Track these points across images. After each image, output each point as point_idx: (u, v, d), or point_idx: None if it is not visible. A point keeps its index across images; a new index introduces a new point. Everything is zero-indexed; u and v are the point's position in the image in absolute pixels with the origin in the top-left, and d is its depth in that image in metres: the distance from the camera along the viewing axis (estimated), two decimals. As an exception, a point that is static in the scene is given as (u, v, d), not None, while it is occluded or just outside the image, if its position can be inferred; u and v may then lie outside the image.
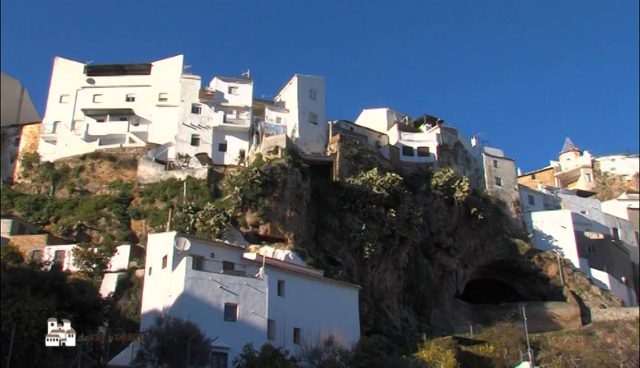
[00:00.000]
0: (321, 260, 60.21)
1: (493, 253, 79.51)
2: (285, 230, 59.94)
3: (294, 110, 76.50)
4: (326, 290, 49.98)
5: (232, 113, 75.62)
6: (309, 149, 72.62)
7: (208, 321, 38.66)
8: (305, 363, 40.35)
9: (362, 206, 66.10)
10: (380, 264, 66.09)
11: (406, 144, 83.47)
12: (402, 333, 62.12)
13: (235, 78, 78.68)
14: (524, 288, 79.16)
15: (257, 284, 44.18)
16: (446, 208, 75.38)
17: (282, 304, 44.70)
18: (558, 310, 72.17)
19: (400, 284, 68.72)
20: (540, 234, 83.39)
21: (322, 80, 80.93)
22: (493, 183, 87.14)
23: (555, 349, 64.14)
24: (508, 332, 61.92)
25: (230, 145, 74.23)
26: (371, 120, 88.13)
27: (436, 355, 51.62)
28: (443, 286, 73.85)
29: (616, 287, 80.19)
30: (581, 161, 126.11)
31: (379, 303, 63.29)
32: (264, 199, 60.21)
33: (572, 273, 78.52)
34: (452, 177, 75.95)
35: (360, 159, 73.04)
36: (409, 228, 68.83)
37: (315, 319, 43.98)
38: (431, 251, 74.19)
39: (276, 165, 62.91)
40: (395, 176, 69.82)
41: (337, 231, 63.71)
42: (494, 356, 58.09)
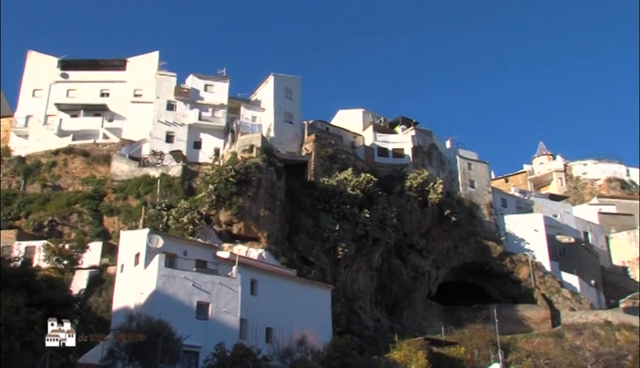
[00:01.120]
0: (295, 259, 60.11)
1: (465, 255, 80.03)
2: (259, 229, 59.77)
3: (270, 109, 76.38)
4: (299, 289, 49.97)
5: (208, 111, 75.25)
6: (284, 149, 72.54)
7: (180, 319, 38.37)
8: (276, 363, 40.29)
9: (336, 206, 66.12)
10: (353, 264, 66.16)
11: (381, 145, 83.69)
12: (374, 334, 62.23)
13: (211, 76, 78.35)
14: (496, 290, 79.77)
15: (230, 282, 43.99)
16: (419, 210, 75.64)
17: (254, 303, 44.55)
18: (529, 313, 72.88)
19: (372, 285, 68.85)
20: (513, 237, 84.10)
21: (298, 80, 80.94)
22: (466, 186, 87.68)
23: (525, 351, 64.85)
24: (479, 334, 62.38)
25: (205, 143, 73.85)
26: (347, 121, 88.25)
27: (407, 356, 51.85)
28: (415, 287, 74.13)
29: (586, 290, 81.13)
30: (554, 165, 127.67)
31: (352, 304, 63.36)
32: (238, 198, 59.97)
33: (543, 276, 79.38)
34: (426, 179, 76.26)
35: (335, 160, 73.12)
36: (383, 229, 68.95)
37: (288, 318, 43.87)
38: (404, 252, 74.43)
39: (251, 164, 62.71)
40: (370, 177, 69.95)
41: (310, 230, 63.67)
42: (465, 358, 58.49)
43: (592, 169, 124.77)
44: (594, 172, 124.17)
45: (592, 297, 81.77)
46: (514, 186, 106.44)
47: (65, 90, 78.76)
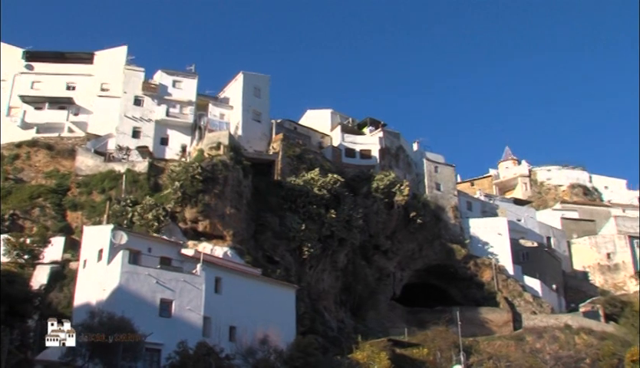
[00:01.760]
0: (260, 258, 59.95)
1: (430, 257, 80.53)
2: (225, 227, 59.50)
3: (238, 107, 76.11)
4: (263, 288, 49.90)
5: (176, 107, 74.76)
6: (252, 147, 72.33)
7: (142, 317, 38.00)
8: (239, 361, 40.16)
9: (302, 206, 66.08)
10: (318, 264, 66.18)
11: (348, 146, 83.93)
12: (338, 334, 62.32)
13: (180, 72, 77.81)
14: (459, 293, 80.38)
15: (194, 280, 43.74)
16: (385, 211, 75.91)
17: (218, 302, 44.37)
18: (491, 316, 73.60)
19: (337, 285, 68.97)
20: (477, 240, 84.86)
21: (267, 79, 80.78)
22: (432, 188, 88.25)
23: (486, 354, 65.51)
24: (442, 335, 62.77)
25: (172, 139, 73.36)
26: (315, 121, 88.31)
27: (370, 357, 52.03)
28: (379, 288, 74.41)
29: (547, 294, 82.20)
30: (519, 170, 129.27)
31: (316, 304, 63.37)
32: (204, 195, 59.63)
33: (506, 279, 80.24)
34: (393, 181, 76.56)
35: (302, 159, 73.09)
36: (348, 230, 69.08)
37: (252, 317, 43.84)
38: (370, 253, 74.66)
39: (218, 161, 62.37)
40: (336, 178, 70.03)
41: (276, 230, 63.56)
42: (428, 359, 58.85)
43: (556, 174, 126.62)
44: (558, 178, 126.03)
45: (553, 301, 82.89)
46: (479, 190, 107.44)
47: (30, 82, 77.43)
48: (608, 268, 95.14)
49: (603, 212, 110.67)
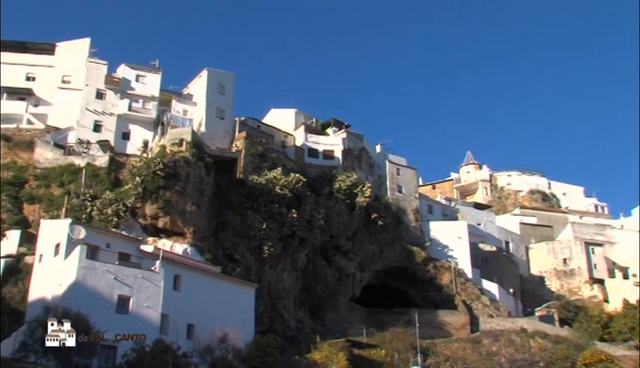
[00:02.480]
0: (220, 256, 59.61)
1: (390, 259, 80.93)
2: (185, 224, 59.00)
3: (201, 103, 75.53)
4: (223, 287, 49.64)
5: (138, 102, 73.71)
6: (214, 144, 71.83)
7: (99, 313, 37.50)
8: (197, 360, 39.87)
9: (264, 205, 65.84)
10: (278, 263, 66.02)
11: (312, 146, 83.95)
12: (296, 334, 62.32)
13: (144, 67, 76.79)
14: (418, 295, 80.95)
15: (152, 277, 43.34)
16: (347, 212, 76.06)
17: (177, 299, 43.99)
18: (449, 318, 74.30)
19: (297, 285, 68.90)
20: (437, 243, 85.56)
21: (232, 76, 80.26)
22: (394, 190, 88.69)
23: (443, 356, 66.21)
24: (400, 337, 63.18)
25: (134, 134, 72.35)
26: (279, 120, 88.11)
27: (328, 357, 52.14)
28: (339, 289, 74.54)
29: (504, 298, 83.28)
30: (480, 175, 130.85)
31: (275, 303, 63.22)
32: (165, 192, 59.01)
33: (464, 282, 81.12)
34: (355, 182, 76.78)
35: (265, 158, 72.84)
36: (309, 230, 69.08)
37: (210, 315, 43.49)
38: (330, 253, 74.72)
39: (180, 158, 61.81)
40: (299, 177, 69.95)
41: (237, 228, 63.24)
42: (385, 360, 59.18)
43: (516, 180, 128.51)
44: (518, 184, 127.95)
45: (510, 304, 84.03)
46: (441, 193, 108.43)
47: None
48: (564, 273, 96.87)
49: (561, 218, 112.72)
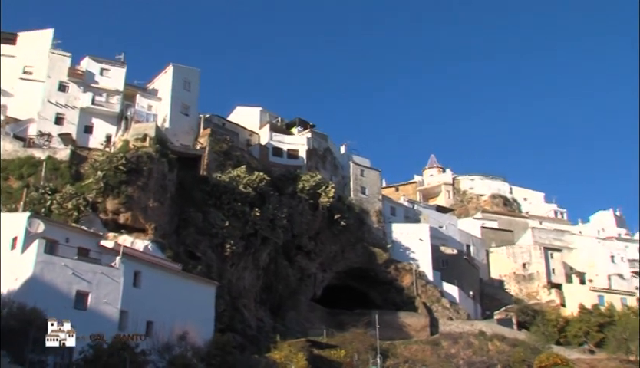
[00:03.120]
0: (181, 253, 59.16)
1: (352, 260, 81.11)
2: (147, 220, 58.43)
3: (166, 99, 74.82)
4: (183, 284, 49.29)
5: (102, 96, 72.63)
6: (178, 141, 71.25)
7: (56, 308, 36.73)
8: (155, 357, 39.50)
9: (227, 203, 65.56)
10: (240, 262, 65.74)
11: (276, 145, 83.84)
12: (256, 333, 62.20)
13: (109, 60, 75.76)
14: (379, 296, 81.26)
15: (112, 273, 42.84)
16: (310, 212, 76.09)
17: (136, 295, 43.58)
18: (409, 320, 74.77)
19: (258, 284, 68.71)
20: (399, 245, 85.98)
21: (197, 72, 79.61)
22: (358, 192, 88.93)
23: (403, 357, 66.65)
24: (360, 338, 63.45)
25: (97, 128, 71.29)
26: (244, 118, 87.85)
27: (288, 356, 52.10)
28: (300, 289, 74.53)
29: (464, 301, 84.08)
30: (443, 178, 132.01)
31: (236, 302, 62.97)
32: (127, 187, 58.35)
33: (425, 285, 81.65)
34: (319, 182, 76.91)
35: (229, 156, 72.52)
36: (272, 229, 68.97)
37: (170, 313, 43.12)
38: (292, 253, 74.67)
39: (143, 153, 61.18)
40: (263, 176, 69.84)
41: (199, 225, 62.85)
42: (345, 361, 59.33)
43: (478, 184, 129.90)
44: (480, 188, 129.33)
45: (470, 307, 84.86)
46: (404, 196, 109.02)
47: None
48: (523, 278, 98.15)
49: (521, 223, 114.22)
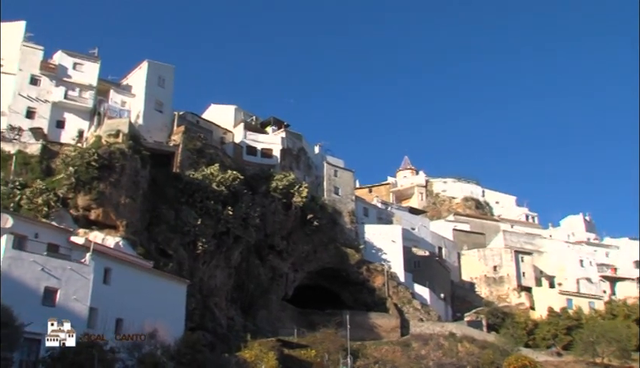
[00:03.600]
0: (153, 251, 58.80)
1: (324, 260, 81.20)
2: (118, 217, 57.91)
3: (140, 95, 74.21)
4: (154, 282, 48.98)
5: (75, 91, 71.76)
6: (152, 137, 70.75)
7: (24, 305, 36.32)
8: (124, 355, 39.14)
9: (200, 201, 65.29)
10: (212, 260, 65.50)
11: (250, 144, 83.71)
12: (227, 332, 62.06)
13: (82, 54, 74.82)
14: (350, 297, 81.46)
15: (82, 269, 42.39)
16: (283, 212, 76.07)
17: (106, 293, 43.15)
18: (380, 321, 75.07)
19: (230, 283, 68.51)
20: (371, 246, 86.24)
21: (172, 69, 79.06)
22: (331, 192, 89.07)
23: (373, 358, 66.88)
24: (330, 338, 63.53)
25: (69, 123, 70.43)
26: (218, 116, 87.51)
27: (258, 356, 52.05)
28: (272, 288, 74.44)
29: (435, 303, 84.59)
30: (416, 180, 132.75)
31: (207, 300, 62.74)
32: (99, 183, 57.78)
33: (396, 286, 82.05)
34: (292, 182, 76.91)
35: (202, 154, 72.20)
36: (245, 228, 68.83)
37: (140, 310, 42.85)
38: (264, 252, 74.59)
39: (116, 149, 60.66)
40: (236, 174, 69.65)
41: (171, 223, 62.49)
42: (315, 361, 59.41)
43: (451, 187, 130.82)
44: (453, 190, 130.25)
45: (441, 309, 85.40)
46: (377, 197, 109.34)
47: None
48: (494, 280, 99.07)
49: (493, 226, 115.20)
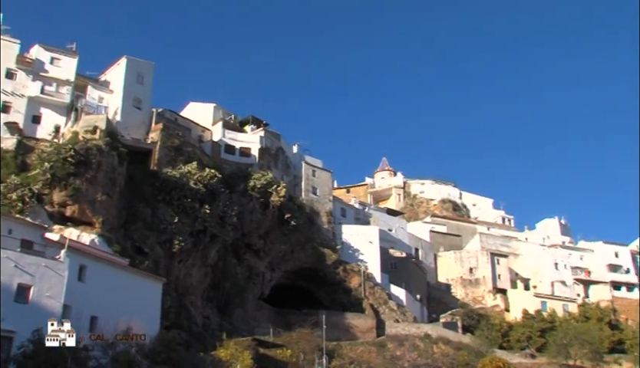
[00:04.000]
0: (128, 248, 58.31)
1: (301, 260, 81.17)
2: (94, 213, 57.34)
3: (118, 91, 73.50)
4: (130, 279, 48.62)
5: (52, 86, 70.96)
6: (129, 134, 70.12)
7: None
8: (98, 353, 38.78)
9: (177, 199, 64.89)
10: (188, 258, 65.15)
11: (229, 142, 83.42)
12: (203, 330, 61.78)
13: (60, 49, 73.98)
14: (327, 297, 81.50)
15: (56, 266, 42.00)
16: (260, 211, 75.89)
17: (81, 290, 42.80)
18: (356, 321, 75.15)
19: (206, 281, 68.20)
20: (348, 247, 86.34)
21: (151, 66, 78.45)
22: (309, 192, 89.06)
23: (349, 358, 66.94)
24: (306, 338, 63.49)
25: (45, 118, 69.54)
26: (197, 114, 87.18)
27: (234, 355, 51.89)
28: (248, 287, 74.24)
29: (411, 304, 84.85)
30: (394, 181, 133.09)
31: (183, 298, 62.41)
32: (75, 179, 57.19)
33: (373, 286, 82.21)
34: (270, 181, 76.76)
35: (180, 151, 71.72)
36: (222, 226, 68.59)
37: (115, 308, 42.45)
38: (241, 251, 74.33)
39: (93, 145, 60.08)
40: (214, 173, 69.37)
41: (148, 220, 62.00)
42: (291, 361, 59.34)
43: (428, 188, 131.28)
44: (430, 192, 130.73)
45: (417, 310, 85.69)
46: (354, 197, 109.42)
47: None
48: (470, 282, 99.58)
49: (469, 228, 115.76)
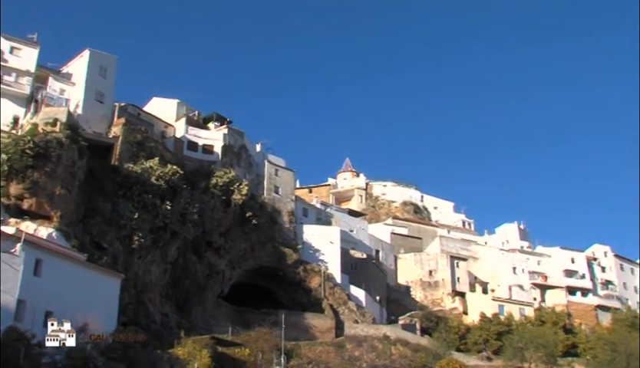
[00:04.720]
0: (87, 244, 57.52)
1: (261, 258, 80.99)
2: (52, 207, 56.39)
3: (80, 84, 72.34)
4: (87, 275, 47.91)
5: (11, 76, 69.76)
6: (91, 128, 69.17)
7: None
8: (52, 349, 38.22)
9: (138, 194, 64.21)
10: (148, 255, 64.53)
11: (192, 139, 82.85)
12: (161, 328, 61.23)
13: (20, 39, 72.54)
14: (286, 296, 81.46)
15: (11, 260, 41.16)
16: (222, 209, 75.53)
17: (36, 285, 42.03)
18: (315, 321, 75.23)
19: (165, 278, 67.63)
20: (309, 247, 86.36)
21: (115, 59, 77.38)
22: (271, 191, 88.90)
23: (307, 358, 66.99)
24: (265, 337, 63.32)
25: (4, 108, 67.84)
26: (160, 109, 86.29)
27: (191, 353, 51.54)
28: (208, 285, 73.81)
29: (370, 305, 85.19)
30: (356, 182, 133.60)
31: (141, 295, 61.79)
32: (33, 172, 56.15)
33: (333, 287, 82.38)
34: (232, 179, 76.40)
35: (142, 147, 70.92)
36: (182, 223, 68.11)
37: (72, 304, 41.88)
38: (202, 249, 73.85)
39: (53, 138, 59.07)
40: (176, 169, 68.82)
41: (107, 216, 61.23)
42: (249, 360, 59.17)
43: (390, 190, 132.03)
44: (392, 194, 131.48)
45: (376, 311, 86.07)
46: (317, 197, 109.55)
47: None
48: (429, 285, 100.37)
49: (430, 231, 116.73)
